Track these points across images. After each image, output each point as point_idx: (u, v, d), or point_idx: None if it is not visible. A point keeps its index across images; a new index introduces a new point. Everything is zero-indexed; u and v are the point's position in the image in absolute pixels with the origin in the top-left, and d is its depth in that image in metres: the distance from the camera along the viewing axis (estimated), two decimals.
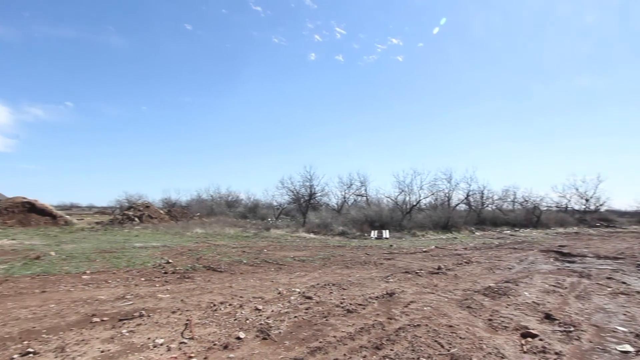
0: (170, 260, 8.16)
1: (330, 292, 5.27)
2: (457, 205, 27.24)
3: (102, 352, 2.94)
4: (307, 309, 4.32)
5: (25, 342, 3.12)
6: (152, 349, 3.02)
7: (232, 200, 38.13)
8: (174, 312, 4.10)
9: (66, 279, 5.98)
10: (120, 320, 3.77)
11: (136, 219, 22.04)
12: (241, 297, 4.92)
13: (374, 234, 18.14)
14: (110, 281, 5.88)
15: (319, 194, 27.51)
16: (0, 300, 4.58)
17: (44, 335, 3.29)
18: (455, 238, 16.68)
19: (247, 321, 3.81)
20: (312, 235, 17.58)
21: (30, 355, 2.86)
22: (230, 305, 4.47)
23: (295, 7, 79.49)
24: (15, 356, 2.82)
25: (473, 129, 74.16)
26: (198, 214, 28.80)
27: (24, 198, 21.91)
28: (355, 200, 29.92)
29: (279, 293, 5.19)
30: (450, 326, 3.75)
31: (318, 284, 5.91)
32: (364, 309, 4.38)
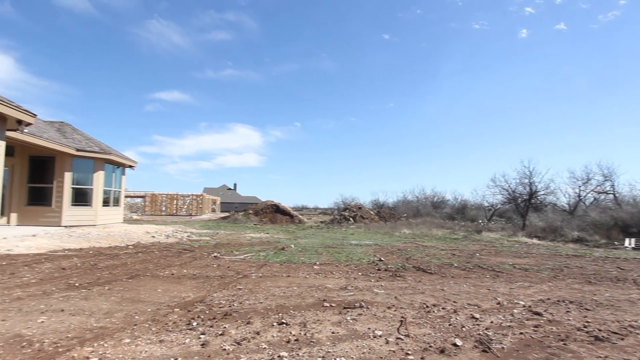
0: (382, 258, 8.69)
1: (567, 311, 4.35)
2: None
3: (332, 333, 3.40)
4: (536, 327, 3.71)
5: (280, 315, 3.96)
6: (372, 339, 3.27)
7: (438, 201, 37.22)
8: (389, 308, 4.32)
9: (303, 268, 7.27)
10: (345, 308, 4.28)
11: (351, 219, 24.62)
12: (454, 302, 4.71)
13: (629, 242, 13.91)
14: (334, 272, 6.77)
15: (542, 192, 23.32)
16: (262, 279, 6.00)
17: (291, 311, 4.10)
18: None
19: (463, 328, 3.60)
20: (534, 241, 15.07)
21: (284, 324, 3.60)
22: (443, 309, 4.35)
23: None
24: (274, 323, 3.63)
25: None
26: (405, 214, 29.57)
27: (272, 201, 28.05)
28: (595, 199, 23.78)
29: (498, 303, 4.68)
30: None
31: (549, 298, 5.00)
32: (621, 339, 3.39)
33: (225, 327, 3.47)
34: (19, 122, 8.57)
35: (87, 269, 6.42)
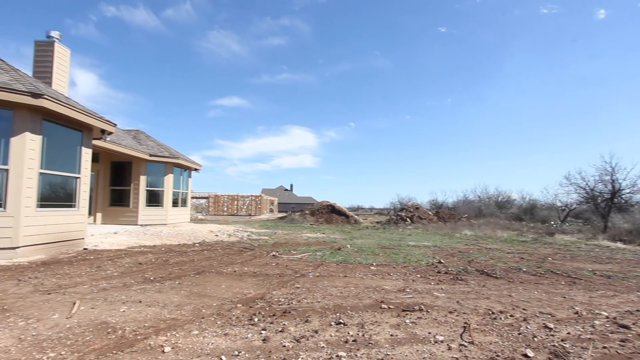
0: (441, 260, 8.35)
1: None
2: None
3: (391, 335, 3.34)
4: (622, 341, 3.32)
5: (337, 314, 3.98)
6: (433, 344, 3.15)
7: (503, 200, 34.90)
8: (450, 312, 4.14)
9: (359, 268, 7.23)
10: (404, 310, 4.17)
11: (408, 220, 24.00)
12: (524, 309, 4.38)
13: None
14: (391, 274, 6.65)
15: (628, 191, 20.78)
16: (319, 279, 6.07)
17: (348, 311, 4.10)
18: None
19: (535, 339, 3.33)
20: (619, 245, 13.50)
21: (341, 324, 3.61)
22: (511, 316, 4.06)
23: None
24: (332, 323, 3.65)
25: None
26: (466, 215, 28.14)
27: (328, 202, 28.26)
28: None
29: (576, 313, 4.26)
30: None
31: (638, 310, 4.44)
32: None
33: (284, 325, 3.57)
34: (103, 131, 9.59)
35: (160, 264, 6.98)
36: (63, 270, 5.96)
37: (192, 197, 37.52)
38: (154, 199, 15.75)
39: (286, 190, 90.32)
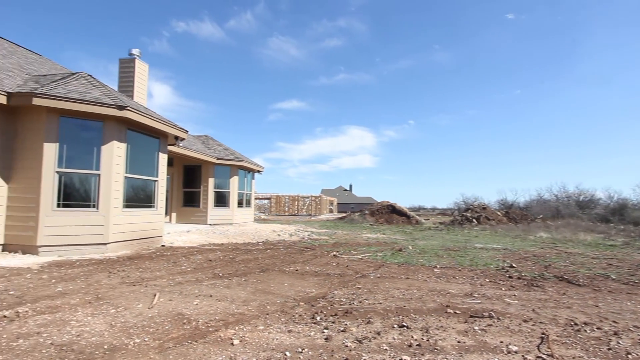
0: (513, 265, 7.77)
1: None
2: None
3: (458, 342, 3.18)
4: None
5: (400, 317, 3.88)
6: (506, 354, 2.94)
7: (585, 200, 31.48)
8: (525, 321, 3.83)
9: (422, 270, 7.00)
10: (472, 316, 3.95)
11: (474, 220, 22.69)
12: (614, 322, 3.90)
13: None
14: (457, 277, 6.33)
15: None
16: (380, 280, 5.98)
17: (412, 315, 3.98)
18: None
19: (629, 356, 2.95)
20: None
21: (404, 327, 3.52)
22: (598, 328, 3.65)
23: None
24: (395, 325, 3.58)
25: None
26: (540, 216, 25.86)
27: (388, 202, 27.79)
28: None
29: None
30: None
31: None
32: None
33: (346, 325, 3.57)
34: (176, 137, 10.42)
35: (228, 261, 7.39)
36: (145, 265, 6.58)
37: (255, 198, 39.23)
38: (221, 199, 16.73)
39: (345, 190, 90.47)
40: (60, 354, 2.73)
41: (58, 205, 7.40)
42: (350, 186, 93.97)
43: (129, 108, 7.87)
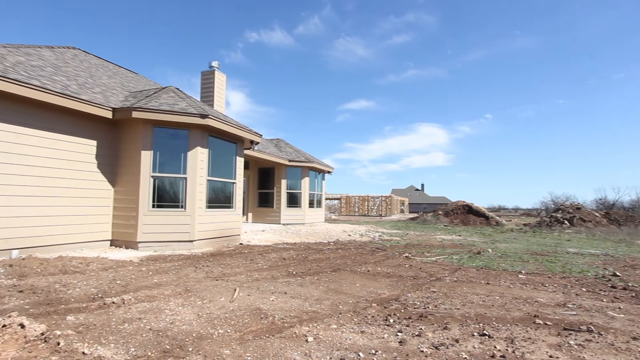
0: (617, 273, 6.80)
1: None
2: None
3: (550, 356, 2.88)
4: None
5: (480, 325, 3.64)
6: None
7: None
8: (635, 339, 3.33)
9: (504, 275, 6.48)
10: (565, 329, 3.55)
11: (565, 222, 20.37)
12: None
13: None
14: (547, 285, 5.74)
15: None
16: (457, 284, 5.67)
17: (493, 323, 3.71)
18: None
19: None
20: None
21: (486, 336, 3.29)
22: None
23: None
24: (475, 333, 3.36)
25: None
26: None
27: (464, 202, 26.27)
28: None
29: None
30: None
31: None
32: None
33: (421, 329, 3.45)
34: (252, 142, 11.04)
35: (300, 260, 7.61)
36: (225, 261, 7.07)
37: (326, 199, 39.84)
38: (293, 200, 17.32)
39: (417, 190, 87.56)
40: (157, 339, 3.06)
41: (153, 206, 8.30)
42: (422, 185, 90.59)
43: (210, 116, 8.54)
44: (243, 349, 2.90)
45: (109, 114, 8.04)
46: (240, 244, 10.01)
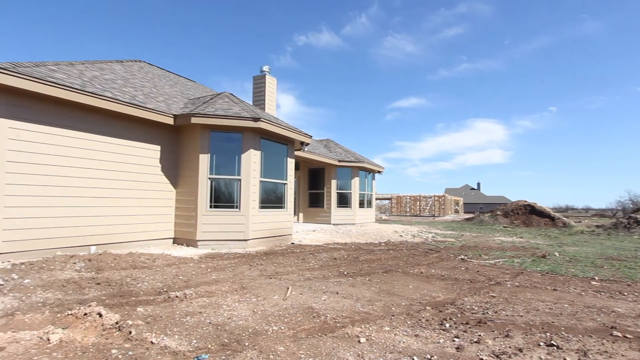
0: None
1: None
2: None
3: None
4: None
5: (547, 334, 3.37)
6: None
7: None
8: None
9: (574, 282, 5.95)
10: None
11: None
12: None
13: None
14: (625, 293, 5.18)
15: None
16: (519, 289, 5.31)
17: (562, 333, 3.42)
18: None
19: None
20: None
21: (554, 347, 3.04)
22: None
23: None
24: (541, 343, 3.13)
25: None
26: None
27: (525, 201, 24.57)
28: None
29: None
30: None
31: None
32: None
33: (480, 335, 3.28)
34: (302, 143, 11.23)
35: (351, 260, 7.59)
36: (278, 260, 7.26)
37: (376, 199, 39.36)
38: (343, 200, 17.32)
39: (472, 189, 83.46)
40: (216, 332, 3.22)
41: (210, 206, 8.76)
42: (478, 184, 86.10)
43: (262, 119, 8.82)
44: (296, 347, 2.95)
45: (170, 121, 8.62)
46: (292, 243, 10.22)
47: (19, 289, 4.30)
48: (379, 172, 20.11)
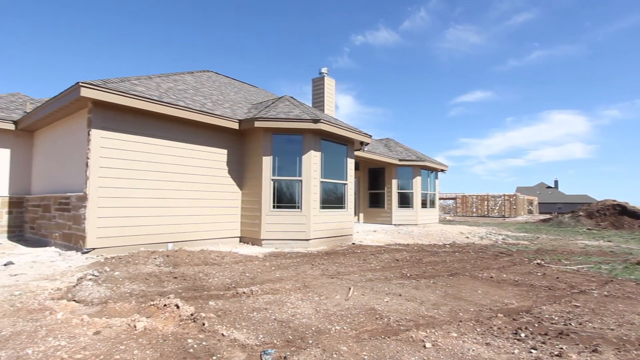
0: None
1: None
2: None
3: None
4: None
5: None
6: None
7: None
8: None
9: None
10: None
11: None
12: None
13: None
14: None
15: None
16: (609, 299, 4.74)
17: None
18: None
19: None
20: None
21: None
22: None
23: None
24: None
25: None
26: None
27: (614, 201, 21.94)
28: None
29: None
30: None
31: None
32: None
33: (562, 348, 2.98)
34: (361, 143, 11.18)
35: (414, 262, 7.37)
36: (339, 260, 7.29)
37: (440, 198, 37.76)
38: (404, 200, 16.89)
39: (548, 187, 76.44)
40: (281, 328, 3.33)
41: (273, 207, 9.08)
42: (556, 182, 78.61)
43: (322, 121, 8.94)
44: (359, 348, 2.94)
45: (236, 125, 9.10)
46: (353, 243, 10.20)
47: (111, 280, 4.84)
48: (442, 170, 19.27)
